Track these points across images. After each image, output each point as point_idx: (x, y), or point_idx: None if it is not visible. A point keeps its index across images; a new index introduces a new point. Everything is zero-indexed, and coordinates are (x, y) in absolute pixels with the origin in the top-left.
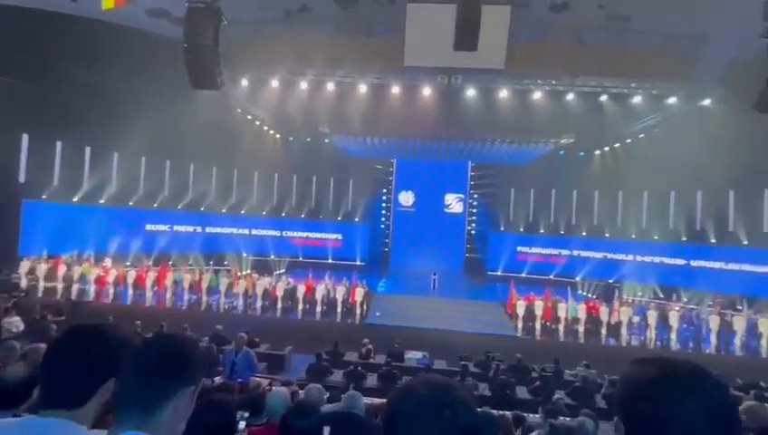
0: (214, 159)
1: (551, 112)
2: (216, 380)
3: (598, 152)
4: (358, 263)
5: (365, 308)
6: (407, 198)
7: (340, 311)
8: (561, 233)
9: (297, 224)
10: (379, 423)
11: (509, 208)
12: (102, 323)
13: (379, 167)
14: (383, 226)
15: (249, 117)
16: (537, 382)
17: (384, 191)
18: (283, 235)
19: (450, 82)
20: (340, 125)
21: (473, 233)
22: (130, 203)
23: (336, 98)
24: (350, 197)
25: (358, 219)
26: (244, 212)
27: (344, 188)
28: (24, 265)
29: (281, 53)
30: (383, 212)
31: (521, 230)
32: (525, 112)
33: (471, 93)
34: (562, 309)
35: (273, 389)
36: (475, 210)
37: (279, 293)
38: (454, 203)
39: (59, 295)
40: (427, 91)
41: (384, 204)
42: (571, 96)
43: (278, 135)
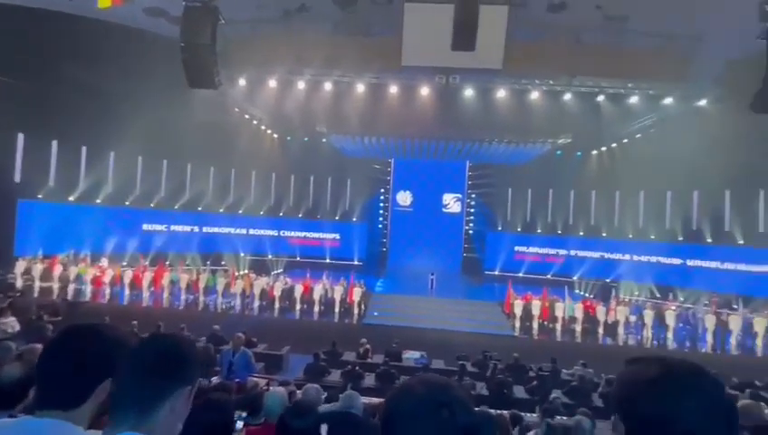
0: (211, 159)
1: (548, 112)
2: (214, 380)
3: (595, 152)
4: (355, 263)
5: (363, 308)
6: (404, 198)
7: (337, 311)
8: (559, 233)
9: (295, 224)
10: (377, 423)
11: (506, 208)
12: (99, 323)
13: (377, 166)
14: (381, 225)
15: (247, 116)
16: (534, 382)
17: (382, 191)
18: (281, 234)
19: (448, 82)
20: (337, 125)
21: (470, 233)
22: (127, 203)
23: (334, 97)
24: (347, 196)
25: (355, 219)
26: (241, 212)
27: (342, 187)
28: (20, 266)
29: (279, 52)
30: (381, 212)
31: (518, 230)
32: (523, 112)
33: (469, 93)
34: (560, 308)
35: (271, 389)
36: (472, 210)
37: (276, 293)
38: (451, 203)
39: (55, 296)
40: (425, 91)
41: (382, 204)
42: (568, 96)
43: (276, 135)
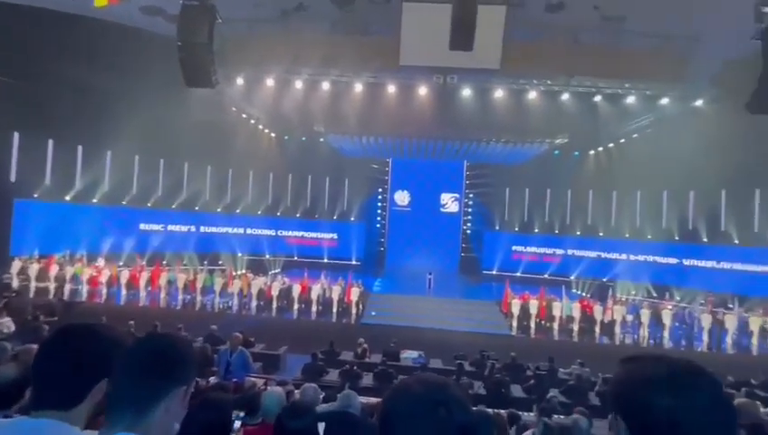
0: (208, 158)
1: (545, 112)
2: (211, 380)
3: (592, 152)
4: (353, 262)
5: (361, 308)
6: (402, 198)
7: (335, 311)
8: (556, 232)
9: (292, 223)
10: (375, 422)
11: (504, 208)
12: (95, 323)
13: (375, 166)
14: (379, 225)
15: (244, 116)
16: (532, 381)
17: (380, 191)
18: (279, 234)
19: (446, 82)
20: (335, 124)
21: (468, 232)
22: (124, 202)
23: (332, 97)
24: (345, 196)
25: (353, 219)
26: (239, 211)
27: (340, 187)
28: (16, 265)
29: (276, 51)
30: (379, 211)
31: (516, 230)
32: (520, 112)
33: (466, 93)
34: (557, 308)
35: (269, 388)
36: (470, 210)
37: (274, 292)
38: (449, 202)
39: (51, 296)
40: (423, 91)
41: (380, 203)
42: (565, 96)
43: (273, 134)
